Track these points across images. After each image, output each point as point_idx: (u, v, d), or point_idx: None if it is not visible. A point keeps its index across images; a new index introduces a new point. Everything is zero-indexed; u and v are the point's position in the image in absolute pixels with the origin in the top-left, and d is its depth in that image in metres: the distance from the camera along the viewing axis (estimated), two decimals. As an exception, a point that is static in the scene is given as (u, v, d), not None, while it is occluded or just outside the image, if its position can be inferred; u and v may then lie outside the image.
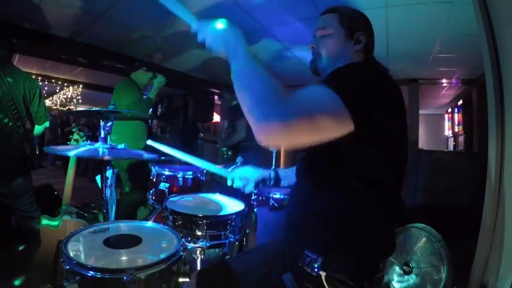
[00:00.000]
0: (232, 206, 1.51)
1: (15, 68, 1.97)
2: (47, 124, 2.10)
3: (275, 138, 0.62)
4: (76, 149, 1.25)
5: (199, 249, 1.28)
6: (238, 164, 1.87)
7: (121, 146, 1.36)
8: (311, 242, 0.77)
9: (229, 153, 3.33)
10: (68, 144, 1.70)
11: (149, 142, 1.36)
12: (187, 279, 0.91)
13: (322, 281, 0.72)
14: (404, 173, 0.81)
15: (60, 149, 1.32)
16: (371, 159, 0.72)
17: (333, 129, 0.62)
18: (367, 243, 0.75)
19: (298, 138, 0.62)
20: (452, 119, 6.02)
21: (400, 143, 0.78)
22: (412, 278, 1.76)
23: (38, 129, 2.09)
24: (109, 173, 1.44)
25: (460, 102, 5.23)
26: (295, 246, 0.80)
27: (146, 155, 1.36)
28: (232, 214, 1.35)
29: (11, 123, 1.84)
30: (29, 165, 2.14)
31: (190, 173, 1.93)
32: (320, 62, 0.91)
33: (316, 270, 0.72)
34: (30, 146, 2.19)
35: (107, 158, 1.24)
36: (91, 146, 1.30)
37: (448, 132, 6.61)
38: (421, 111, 4.79)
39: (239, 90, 0.66)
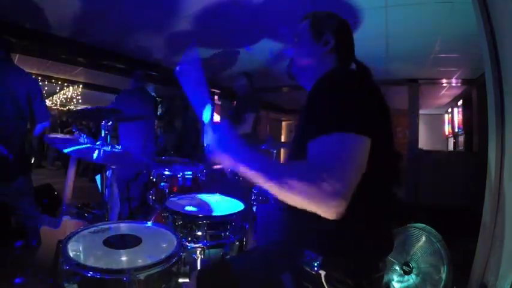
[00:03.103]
0: (232, 206, 1.51)
1: (18, 68, 1.97)
2: (47, 124, 2.10)
3: (343, 204, 0.61)
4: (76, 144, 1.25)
5: (200, 249, 1.28)
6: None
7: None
8: (310, 242, 0.77)
9: None
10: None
11: None
12: (187, 280, 0.91)
13: (322, 280, 0.73)
14: (398, 171, 0.82)
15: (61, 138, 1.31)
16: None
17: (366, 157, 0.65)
18: (365, 242, 0.75)
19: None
20: (452, 119, 6.01)
21: (387, 139, 0.78)
22: (412, 278, 1.76)
23: (38, 128, 2.09)
24: (109, 173, 1.44)
25: (460, 102, 5.22)
26: (295, 245, 0.80)
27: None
28: (232, 214, 1.35)
29: (13, 123, 1.84)
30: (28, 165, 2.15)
31: (190, 173, 1.93)
32: (292, 66, 0.96)
33: (315, 269, 0.73)
34: (29, 146, 2.19)
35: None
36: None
37: (448, 132, 6.60)
38: (421, 111, 4.79)
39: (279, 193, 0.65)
